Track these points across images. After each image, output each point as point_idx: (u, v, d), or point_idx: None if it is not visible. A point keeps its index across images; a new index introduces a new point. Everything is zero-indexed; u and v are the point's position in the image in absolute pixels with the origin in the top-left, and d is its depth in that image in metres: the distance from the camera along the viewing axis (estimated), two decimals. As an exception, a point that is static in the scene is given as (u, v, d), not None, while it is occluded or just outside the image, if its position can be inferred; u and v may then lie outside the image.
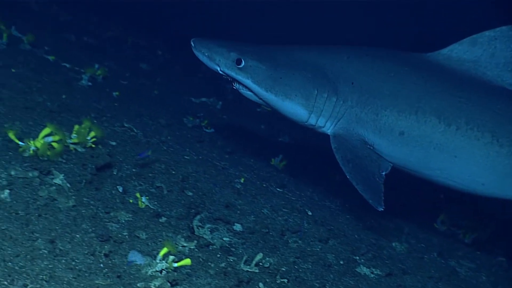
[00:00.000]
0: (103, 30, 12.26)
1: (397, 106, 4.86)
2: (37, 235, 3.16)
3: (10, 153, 3.83)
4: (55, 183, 3.68)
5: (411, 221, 6.27)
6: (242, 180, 5.40)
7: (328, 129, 5.07)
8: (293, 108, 4.94)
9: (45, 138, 3.90)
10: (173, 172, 4.82)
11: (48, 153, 3.87)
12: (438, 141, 4.81)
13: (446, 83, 4.98)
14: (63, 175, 3.75)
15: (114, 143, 4.85)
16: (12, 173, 3.57)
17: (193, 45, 5.01)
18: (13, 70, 5.84)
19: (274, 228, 4.64)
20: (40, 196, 3.50)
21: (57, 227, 3.31)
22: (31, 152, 3.86)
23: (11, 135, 3.93)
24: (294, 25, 24.69)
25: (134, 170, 4.49)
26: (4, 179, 3.49)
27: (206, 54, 4.97)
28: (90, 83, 6.71)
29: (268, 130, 8.78)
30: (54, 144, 3.92)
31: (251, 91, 5.02)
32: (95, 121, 4.96)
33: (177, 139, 5.99)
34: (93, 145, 4.30)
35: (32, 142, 3.88)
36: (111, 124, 5.37)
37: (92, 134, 4.27)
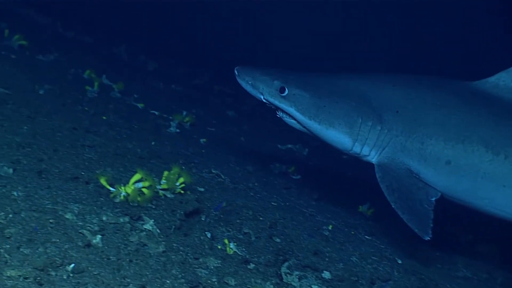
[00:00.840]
0: (189, 78, 12.53)
1: (443, 135, 4.75)
2: (128, 280, 3.18)
3: (102, 198, 3.89)
4: (145, 228, 3.71)
5: (505, 271, 6.00)
6: (330, 227, 5.31)
7: (373, 158, 4.98)
8: (337, 136, 4.88)
9: (135, 184, 3.96)
10: (261, 218, 4.78)
11: (139, 198, 3.91)
12: (486, 170, 4.66)
13: (493, 111, 4.85)
14: (153, 220, 3.78)
15: (202, 189, 4.88)
16: (104, 218, 3.62)
17: (236, 73, 5.03)
18: (104, 118, 6.02)
19: (364, 276, 4.52)
20: (131, 242, 3.53)
21: (147, 273, 3.32)
22: (122, 198, 3.92)
23: (103, 181, 4.00)
24: (294, 26, 24.70)
25: (222, 216, 4.49)
26: (96, 224, 3.54)
27: (250, 82, 4.98)
28: (178, 130, 6.83)
29: (354, 176, 8.66)
30: (144, 190, 3.96)
31: (295, 119, 4.99)
32: (183, 167, 5.01)
33: (264, 185, 5.97)
34: (182, 191, 4.33)
35: (123, 188, 3.94)
36: (199, 170, 5.42)
37: (181, 180, 4.31)
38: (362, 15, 27.23)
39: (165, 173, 4.30)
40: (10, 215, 3.32)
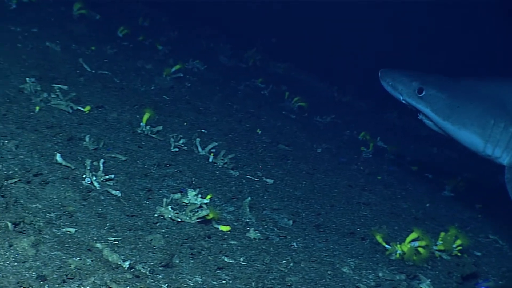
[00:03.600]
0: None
1: None
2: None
3: (377, 255, 3.94)
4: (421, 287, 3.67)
5: None
6: None
7: (504, 160, 4.72)
8: (469, 137, 4.77)
9: (411, 243, 3.94)
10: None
11: (414, 258, 3.89)
12: None
13: None
14: (429, 280, 3.73)
15: (479, 254, 4.73)
16: (380, 274, 3.65)
17: (380, 75, 5.04)
18: (378, 177, 6.14)
19: None
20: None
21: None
22: (398, 255, 3.93)
23: (379, 238, 4.06)
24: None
25: (500, 282, 4.29)
26: (372, 280, 3.58)
27: (390, 83, 4.99)
28: (452, 194, 6.66)
29: None
30: (420, 249, 3.93)
31: (432, 120, 4.90)
32: (460, 230, 4.90)
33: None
34: (459, 254, 4.23)
35: (398, 246, 3.95)
36: (475, 235, 5.25)
37: (458, 242, 4.22)
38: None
39: (442, 234, 4.25)
40: (291, 264, 3.48)
